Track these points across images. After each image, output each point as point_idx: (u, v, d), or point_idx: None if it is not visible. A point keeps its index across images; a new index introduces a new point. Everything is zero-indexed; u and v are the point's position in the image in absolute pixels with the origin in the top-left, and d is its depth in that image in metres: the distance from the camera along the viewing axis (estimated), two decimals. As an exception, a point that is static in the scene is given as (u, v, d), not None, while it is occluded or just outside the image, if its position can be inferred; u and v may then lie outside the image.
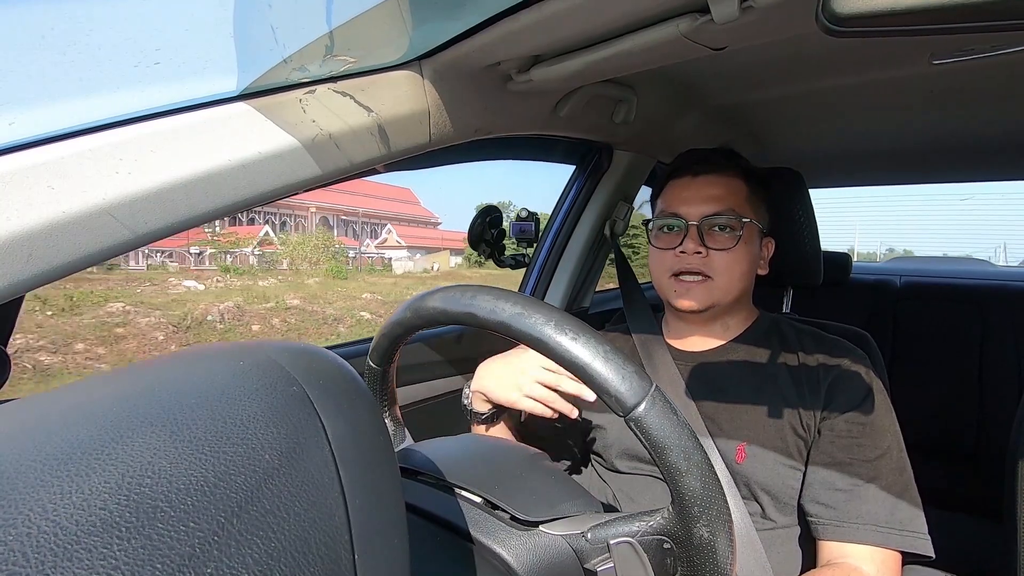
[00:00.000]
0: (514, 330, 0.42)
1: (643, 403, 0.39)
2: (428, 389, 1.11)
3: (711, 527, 0.40)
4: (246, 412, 0.24)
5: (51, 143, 0.47)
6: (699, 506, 0.40)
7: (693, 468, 0.40)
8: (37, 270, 0.46)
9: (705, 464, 0.40)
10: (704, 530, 0.40)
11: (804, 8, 0.53)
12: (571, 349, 0.40)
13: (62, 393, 0.26)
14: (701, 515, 0.40)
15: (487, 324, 0.44)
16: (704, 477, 0.40)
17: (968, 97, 1.10)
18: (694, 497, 0.40)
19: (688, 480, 0.40)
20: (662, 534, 0.43)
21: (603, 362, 0.40)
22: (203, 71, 0.55)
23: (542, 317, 0.41)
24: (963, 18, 0.34)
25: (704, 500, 0.40)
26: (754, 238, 0.89)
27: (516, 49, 0.68)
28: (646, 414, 0.39)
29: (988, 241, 37.40)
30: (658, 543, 0.43)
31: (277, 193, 0.59)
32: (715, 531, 0.40)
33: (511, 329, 0.42)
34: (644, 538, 0.43)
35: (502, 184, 65.05)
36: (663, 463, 0.40)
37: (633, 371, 0.40)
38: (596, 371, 0.40)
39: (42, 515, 0.18)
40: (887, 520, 0.72)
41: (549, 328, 0.41)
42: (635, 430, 0.40)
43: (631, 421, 0.40)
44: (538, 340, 0.41)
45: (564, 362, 0.41)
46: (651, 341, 0.97)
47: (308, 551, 0.22)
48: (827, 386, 0.81)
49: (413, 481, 0.52)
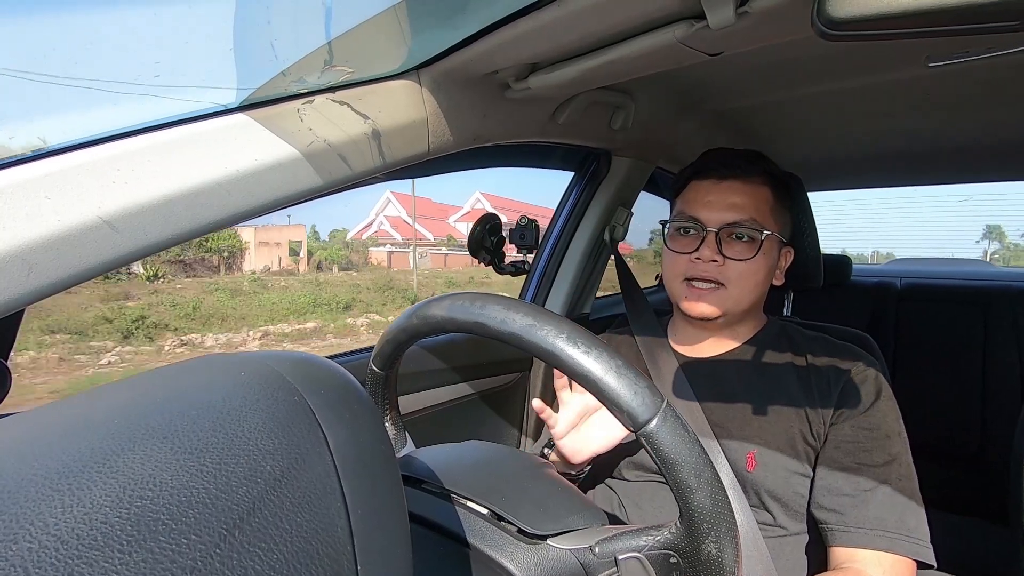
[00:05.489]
0: (525, 341, 0.42)
1: (655, 419, 0.39)
2: (431, 397, 1.11)
3: (719, 543, 0.40)
4: (247, 423, 0.24)
5: (51, 156, 0.47)
6: (708, 523, 0.40)
7: (703, 485, 0.40)
8: (38, 283, 0.46)
9: (715, 481, 0.40)
10: (712, 546, 0.40)
11: (800, 13, 0.54)
12: (584, 363, 0.40)
13: (63, 406, 0.26)
14: (710, 532, 0.40)
15: (498, 335, 0.43)
16: (714, 494, 0.40)
17: (964, 99, 1.10)
18: (703, 514, 0.40)
19: (698, 497, 0.40)
20: (669, 549, 0.43)
21: (615, 376, 0.40)
22: (202, 83, 0.55)
23: (554, 329, 0.41)
24: (958, 20, 0.35)
25: (713, 517, 0.40)
26: (773, 249, 0.87)
27: (514, 57, 0.68)
28: (657, 430, 0.39)
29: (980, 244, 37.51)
30: (665, 557, 0.43)
31: (277, 203, 0.59)
32: (723, 547, 0.40)
33: (522, 340, 0.42)
34: (651, 552, 0.43)
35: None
36: (673, 479, 0.40)
37: (645, 387, 0.40)
38: (608, 385, 0.40)
39: (43, 529, 0.18)
40: (896, 526, 0.72)
41: (561, 341, 0.41)
42: (646, 445, 0.40)
43: (642, 436, 0.40)
44: (550, 353, 0.41)
45: (576, 375, 0.41)
46: (656, 345, 0.96)
47: (311, 562, 0.22)
48: (838, 393, 0.80)
49: (417, 490, 0.51)
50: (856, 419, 0.78)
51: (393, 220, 28.02)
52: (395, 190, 28.53)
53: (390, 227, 27.63)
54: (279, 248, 20.10)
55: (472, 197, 28.94)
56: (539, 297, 1.40)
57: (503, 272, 1.24)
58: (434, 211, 29.77)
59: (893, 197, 68.63)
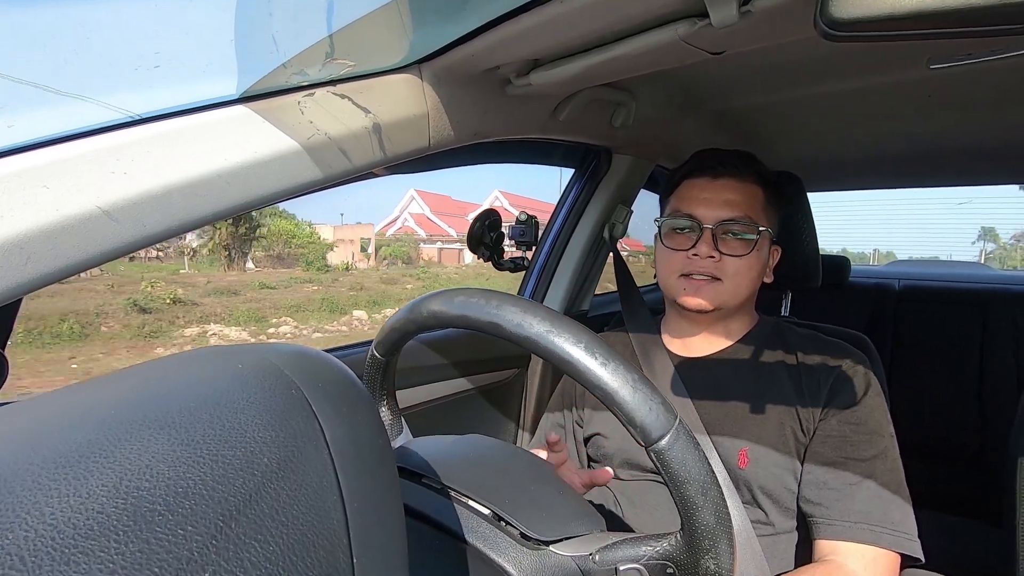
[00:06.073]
0: (541, 348, 0.42)
1: (667, 436, 0.40)
2: (428, 392, 1.11)
3: (718, 560, 0.41)
4: (245, 415, 0.24)
5: (50, 146, 0.47)
6: (709, 539, 0.40)
7: (709, 504, 0.40)
8: (36, 272, 0.45)
9: (720, 499, 0.41)
10: (711, 562, 0.41)
11: (802, 13, 0.54)
12: (601, 375, 0.40)
13: (60, 395, 0.26)
14: (710, 548, 0.41)
15: (513, 337, 0.43)
16: (718, 512, 0.40)
17: (965, 101, 1.10)
18: (706, 531, 0.40)
19: (703, 515, 0.40)
20: (668, 560, 0.43)
21: (631, 391, 0.40)
22: (202, 74, 0.55)
23: (572, 337, 0.41)
24: (960, 23, 0.35)
25: (715, 534, 0.40)
26: (766, 246, 0.89)
27: (515, 53, 0.68)
28: (669, 447, 0.40)
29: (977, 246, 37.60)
30: (662, 568, 0.43)
31: (276, 196, 0.59)
32: (721, 564, 0.41)
33: (537, 346, 0.42)
34: (650, 562, 0.43)
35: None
36: (679, 495, 0.40)
37: (660, 403, 0.40)
38: (624, 399, 0.40)
39: (39, 518, 0.18)
40: (879, 519, 0.72)
41: (579, 351, 0.41)
42: (655, 461, 0.40)
43: (653, 452, 0.40)
44: (566, 361, 0.41)
45: (591, 386, 0.41)
46: (649, 342, 0.97)
47: (306, 554, 0.22)
48: (827, 389, 0.81)
49: (417, 484, 0.51)
50: (843, 414, 0.79)
51: (417, 217, 28.83)
52: (419, 188, 29.60)
53: (414, 223, 28.50)
54: (352, 245, 22.35)
55: (491, 195, 29.21)
56: (538, 294, 1.40)
57: (502, 268, 1.24)
58: (454, 208, 30.24)
59: (893, 198, 68.95)
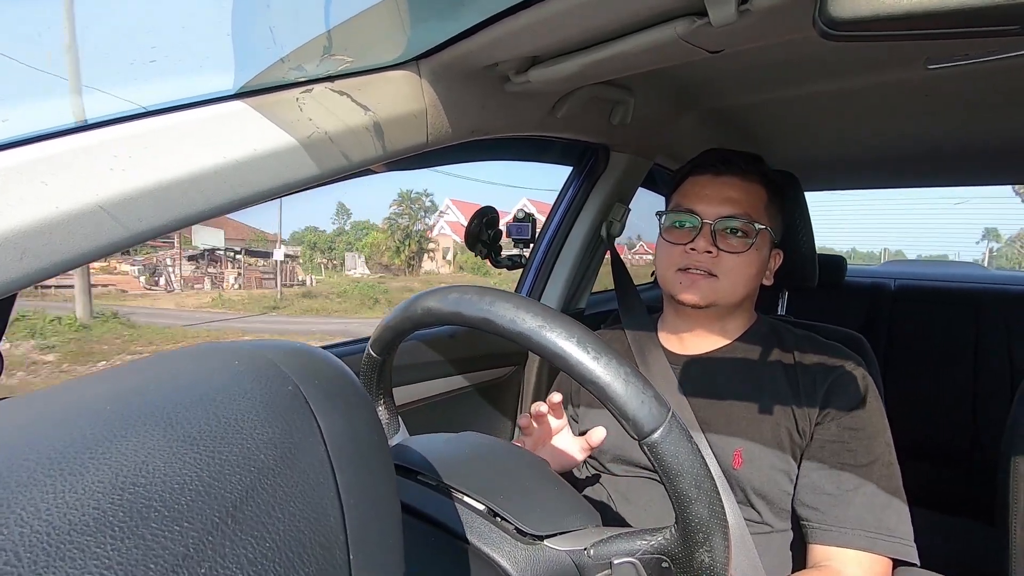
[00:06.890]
0: (534, 343, 0.42)
1: (660, 429, 0.40)
2: (424, 389, 1.11)
3: (712, 553, 0.41)
4: (241, 411, 0.24)
5: (45, 140, 0.47)
6: (704, 533, 0.40)
7: (703, 496, 0.40)
8: (30, 268, 0.45)
9: (714, 493, 0.41)
10: (706, 555, 0.41)
11: (801, 12, 0.54)
12: (593, 368, 0.40)
13: (56, 391, 0.26)
14: (705, 541, 0.41)
15: (505, 333, 0.43)
16: (712, 505, 0.40)
17: (963, 102, 1.11)
18: (700, 524, 0.40)
19: (697, 508, 0.40)
20: (662, 554, 0.43)
21: (623, 384, 0.40)
22: (200, 69, 0.55)
23: (564, 332, 0.41)
24: (960, 23, 0.35)
25: (709, 527, 0.40)
26: (765, 246, 0.89)
27: (514, 50, 0.68)
28: (662, 440, 0.40)
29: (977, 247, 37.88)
30: (657, 561, 0.43)
31: (274, 192, 0.59)
32: (715, 557, 0.41)
33: (531, 341, 0.42)
34: (644, 556, 0.44)
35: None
36: (673, 489, 0.40)
37: (652, 396, 0.40)
38: (616, 392, 0.40)
39: (35, 514, 0.18)
40: (875, 525, 0.72)
41: (571, 345, 0.41)
42: (648, 454, 0.40)
43: (646, 445, 0.40)
44: (558, 355, 0.41)
45: (583, 380, 0.41)
46: (645, 340, 0.97)
47: (303, 551, 0.22)
48: (824, 391, 0.81)
49: (413, 481, 0.51)
50: (842, 419, 0.79)
51: (453, 225, 31.11)
52: (454, 198, 32.03)
53: (450, 231, 30.84)
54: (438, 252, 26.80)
55: (520, 203, 29.92)
56: (535, 291, 1.40)
57: (499, 265, 1.24)
58: (486, 217, 32.32)
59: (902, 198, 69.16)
